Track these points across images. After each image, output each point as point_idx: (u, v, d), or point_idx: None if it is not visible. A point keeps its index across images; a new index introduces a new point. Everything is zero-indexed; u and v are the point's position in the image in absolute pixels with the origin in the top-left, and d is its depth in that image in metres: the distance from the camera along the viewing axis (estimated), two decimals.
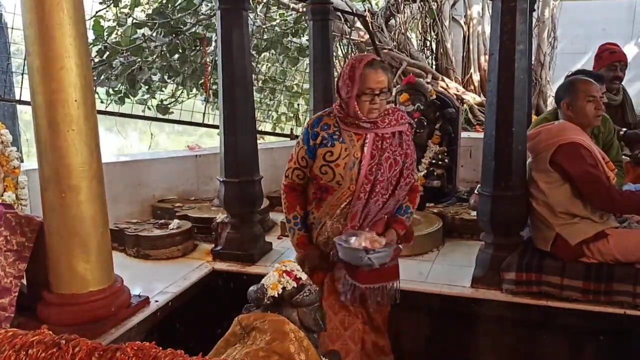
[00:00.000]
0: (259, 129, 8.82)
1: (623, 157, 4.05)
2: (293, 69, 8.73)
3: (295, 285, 1.94)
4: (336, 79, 2.59)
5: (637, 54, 8.53)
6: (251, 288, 1.94)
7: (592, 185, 2.86)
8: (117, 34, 6.78)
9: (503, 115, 3.06)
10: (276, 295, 1.90)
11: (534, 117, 5.76)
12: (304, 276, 1.99)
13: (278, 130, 8.83)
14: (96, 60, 6.34)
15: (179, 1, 6.50)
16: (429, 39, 7.67)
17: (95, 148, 2.65)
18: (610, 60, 4.23)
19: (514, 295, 3.07)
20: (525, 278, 3.04)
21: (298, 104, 8.41)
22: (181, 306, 3.30)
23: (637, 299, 2.84)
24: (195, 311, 3.41)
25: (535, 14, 7.80)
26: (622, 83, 4.40)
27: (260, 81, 9.13)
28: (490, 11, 3.20)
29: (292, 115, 8.47)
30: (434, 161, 4.66)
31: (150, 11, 6.85)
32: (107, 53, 6.46)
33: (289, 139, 5.87)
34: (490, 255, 3.19)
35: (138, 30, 6.45)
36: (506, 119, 3.06)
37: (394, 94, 4.89)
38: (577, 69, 4.10)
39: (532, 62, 7.69)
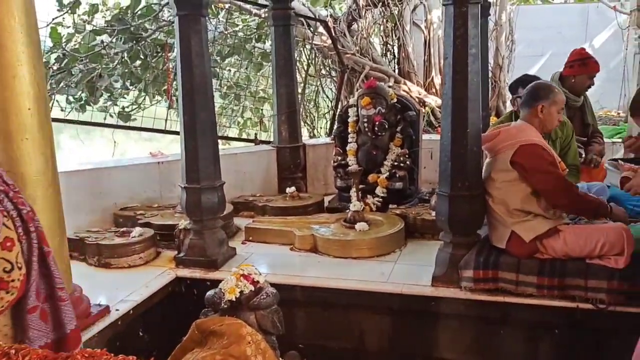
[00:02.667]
0: (225, 134, 8.82)
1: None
2: (258, 74, 8.73)
3: (253, 289, 1.96)
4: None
5: None
6: (209, 293, 1.95)
7: (554, 182, 2.99)
8: (76, 41, 6.69)
9: (458, 118, 3.14)
10: (234, 299, 1.92)
11: (493, 119, 5.91)
12: (262, 279, 2.01)
13: (244, 136, 8.82)
14: (55, 67, 6.24)
15: (139, 8, 6.45)
16: (391, 43, 7.77)
17: (50, 156, 2.62)
18: (595, 69, 4.36)
19: (472, 292, 3.15)
20: (482, 275, 3.12)
21: (261, 109, 8.41)
22: (144, 314, 3.29)
23: (588, 292, 2.94)
24: (159, 318, 3.40)
25: (492, 18, 8.00)
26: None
27: (225, 87, 9.13)
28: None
29: (257, 120, 8.47)
30: (395, 163, 4.72)
31: (109, 18, 6.77)
32: (66, 60, 6.36)
33: (253, 144, 5.87)
34: (449, 254, 3.27)
35: (97, 37, 6.37)
36: (461, 121, 3.14)
37: (355, 97, 4.96)
38: (523, 75, 4.23)
39: (491, 65, 7.89)
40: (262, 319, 1.91)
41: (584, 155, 4.35)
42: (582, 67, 4.30)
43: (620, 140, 4.66)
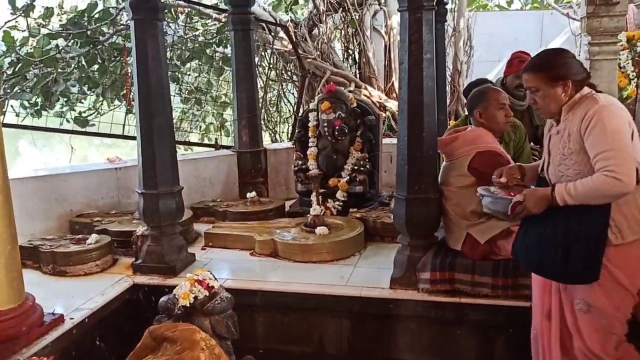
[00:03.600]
0: (187, 139, 8.74)
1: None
2: (220, 78, 8.69)
3: (208, 294, 1.95)
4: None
5: None
6: (162, 299, 1.94)
7: None
8: (30, 45, 6.53)
9: (414, 122, 3.20)
10: (188, 305, 1.90)
11: (452, 123, 6.01)
12: (216, 284, 2.01)
13: (207, 141, 8.76)
14: (9, 72, 6.09)
15: (96, 11, 6.34)
16: (352, 48, 7.84)
17: (0, 163, 2.56)
18: (519, 68, 4.47)
19: (429, 294, 3.19)
20: (439, 277, 3.17)
21: (223, 114, 8.37)
22: (100, 322, 3.23)
23: None
24: (116, 326, 3.34)
25: (451, 24, 8.16)
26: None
27: (186, 91, 9.04)
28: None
29: (219, 125, 8.42)
30: (356, 167, 4.75)
31: (65, 21, 6.64)
32: (20, 64, 6.21)
33: (213, 149, 5.84)
34: (406, 256, 3.31)
35: (52, 41, 6.24)
36: (417, 125, 3.20)
37: (315, 102, 4.98)
38: (476, 79, 4.33)
39: (450, 70, 8.03)
40: (216, 324, 1.90)
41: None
42: (509, 68, 4.45)
43: None
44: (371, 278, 3.49)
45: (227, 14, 5.53)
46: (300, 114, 5.82)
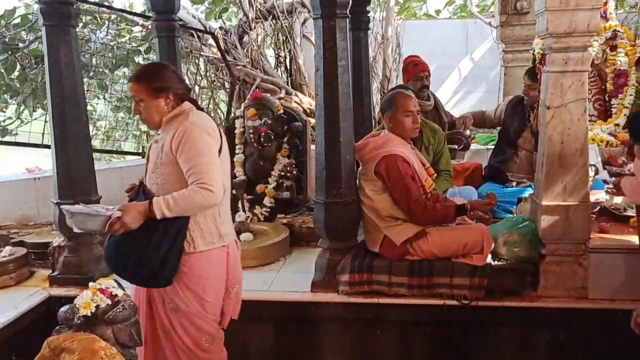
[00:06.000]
0: (120, 148, 8.55)
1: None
2: None
3: (110, 302, 1.93)
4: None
5: (472, 68, 9.31)
6: (62, 309, 1.90)
7: (407, 197, 3.13)
8: None
9: (330, 127, 3.26)
10: (89, 314, 1.88)
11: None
12: (120, 292, 1.99)
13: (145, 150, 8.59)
14: None
15: (13, 17, 6.13)
16: (283, 55, 7.87)
17: None
18: (415, 72, 4.61)
19: (349, 295, 3.25)
20: (358, 279, 3.23)
21: None
22: (14, 336, 3.14)
23: (454, 289, 3.13)
24: (32, 340, 3.22)
25: (380, 32, 8.32)
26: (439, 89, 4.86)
27: (115, 99, 8.85)
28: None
29: (147, 133, 8.28)
30: (282, 173, 4.78)
31: None
32: None
33: (141, 157, 5.74)
34: (326, 259, 3.36)
35: None
36: (333, 130, 3.26)
37: (242, 108, 4.99)
38: (396, 86, 4.46)
39: (379, 77, 8.20)
40: (118, 333, 1.88)
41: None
42: (405, 74, 4.66)
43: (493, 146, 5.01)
44: (294, 282, 3.52)
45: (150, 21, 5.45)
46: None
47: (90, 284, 1.98)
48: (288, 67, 7.82)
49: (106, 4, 7.09)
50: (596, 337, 3.09)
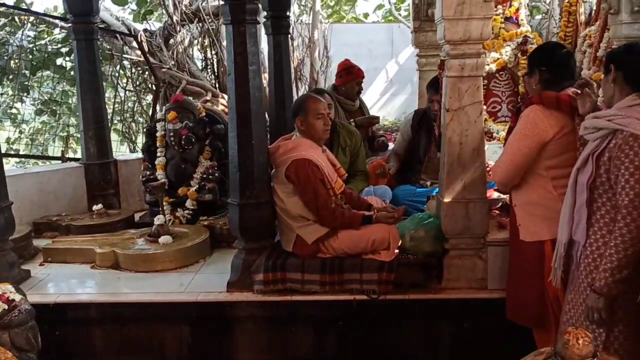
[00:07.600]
0: (46, 153, 8.30)
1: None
2: (74, 88, 8.38)
3: (7, 307, 1.94)
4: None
5: (397, 70, 9.64)
6: None
7: (315, 201, 3.26)
8: None
9: (242, 130, 3.34)
10: None
11: None
12: (17, 297, 1.99)
13: (72, 154, 8.38)
14: None
15: None
16: (210, 58, 7.87)
17: None
18: (359, 75, 4.88)
19: (264, 294, 3.34)
20: (272, 277, 3.32)
21: (68, 126, 8.06)
22: None
23: (363, 285, 3.27)
24: None
25: (307, 35, 8.47)
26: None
27: (39, 102, 8.61)
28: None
29: (66, 137, 8.10)
30: (205, 176, 4.80)
31: None
32: None
33: (60, 161, 5.62)
34: (242, 260, 3.43)
35: None
36: (246, 133, 3.34)
37: (163, 111, 4.98)
38: (315, 88, 4.60)
39: (307, 80, 8.33)
40: (15, 337, 1.89)
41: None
42: (348, 75, 4.86)
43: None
44: (211, 283, 3.57)
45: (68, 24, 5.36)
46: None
47: None
48: (215, 70, 7.83)
49: (23, 6, 6.88)
50: (496, 326, 3.29)
